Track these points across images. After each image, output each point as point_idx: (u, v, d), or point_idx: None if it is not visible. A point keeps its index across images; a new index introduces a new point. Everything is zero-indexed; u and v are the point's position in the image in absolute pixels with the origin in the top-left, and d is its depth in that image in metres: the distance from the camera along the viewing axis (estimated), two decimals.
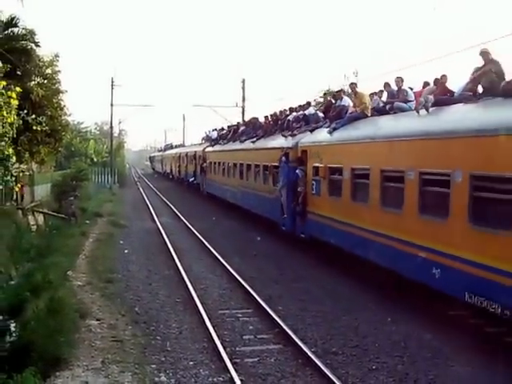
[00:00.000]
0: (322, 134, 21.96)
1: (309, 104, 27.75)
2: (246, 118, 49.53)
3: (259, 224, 29.26)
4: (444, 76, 16.62)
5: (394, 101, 18.77)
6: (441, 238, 13.49)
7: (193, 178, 54.95)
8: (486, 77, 14.06)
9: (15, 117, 17.67)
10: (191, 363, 11.98)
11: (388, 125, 18.05)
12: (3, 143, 16.48)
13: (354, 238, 18.24)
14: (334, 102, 23.83)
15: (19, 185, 29.21)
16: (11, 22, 27.04)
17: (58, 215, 34.27)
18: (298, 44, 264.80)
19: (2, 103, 16.49)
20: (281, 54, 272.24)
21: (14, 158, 19.71)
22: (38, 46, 28.35)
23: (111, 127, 73.30)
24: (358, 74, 46.54)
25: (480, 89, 14.46)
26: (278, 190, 24.79)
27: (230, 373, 11.20)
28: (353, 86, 21.71)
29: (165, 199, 50.23)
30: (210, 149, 46.95)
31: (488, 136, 12.17)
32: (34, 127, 21.28)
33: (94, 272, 20.02)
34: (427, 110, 15.35)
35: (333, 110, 22.83)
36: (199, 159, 51.17)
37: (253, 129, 34.76)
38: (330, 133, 21.10)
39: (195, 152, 54.80)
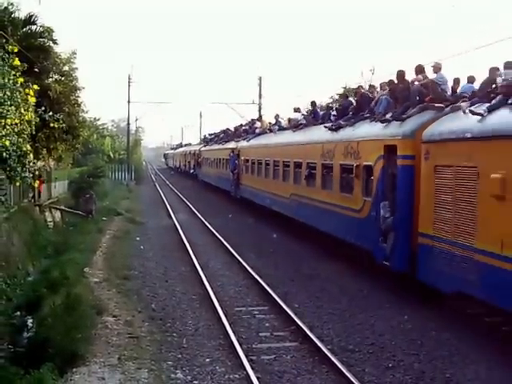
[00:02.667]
0: (245, 142, 39.08)
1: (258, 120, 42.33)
2: (263, 115, 51.39)
3: (217, 193, 48.41)
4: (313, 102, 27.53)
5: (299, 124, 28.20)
6: (292, 191, 26.21)
7: (193, 170, 70.09)
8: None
9: (33, 114, 17.73)
10: (207, 360, 11.99)
11: (272, 138, 32.72)
12: (21, 140, 16.53)
13: (259, 195, 33.07)
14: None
15: (37, 181, 29.39)
16: (29, 20, 27.16)
17: (75, 212, 34.46)
18: (316, 41, 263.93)
19: (20, 100, 16.55)
20: (298, 51, 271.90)
21: (32, 154, 19.80)
22: (55, 43, 28.46)
23: (128, 124, 73.41)
24: (375, 71, 46.18)
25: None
26: (230, 172, 40.47)
27: (246, 370, 11.18)
28: (259, 117, 39.35)
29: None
30: (203, 148, 63.06)
31: (305, 144, 25.27)
32: (52, 124, 21.33)
33: (111, 269, 20.09)
34: (274, 132, 33.21)
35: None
36: (197, 156, 65.95)
37: (226, 135, 51.27)
38: (248, 141, 38.28)
39: (194, 150, 70.49)
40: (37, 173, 22.14)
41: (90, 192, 34.91)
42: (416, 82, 17.52)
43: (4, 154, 15.63)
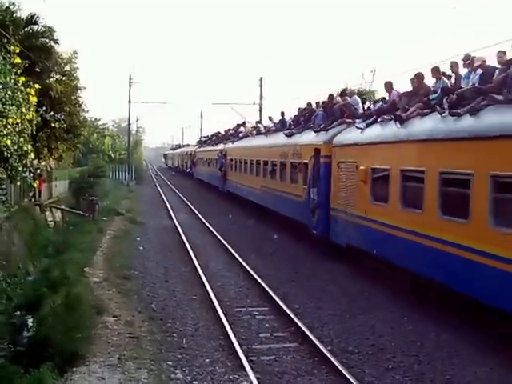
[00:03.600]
0: (231, 144, 45.55)
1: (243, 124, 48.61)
2: (263, 116, 52.47)
3: (212, 191, 52.39)
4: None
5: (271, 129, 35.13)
6: (261, 184, 32.13)
7: (189, 169, 76.13)
8: None
9: (34, 113, 17.75)
10: (207, 360, 12.00)
11: (251, 141, 38.62)
12: (22, 139, 16.56)
13: (242, 189, 38.38)
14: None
15: (37, 181, 29.40)
16: (31, 20, 27.20)
17: (75, 211, 34.47)
18: (317, 42, 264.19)
19: (21, 99, 16.57)
20: (299, 52, 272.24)
21: (33, 154, 19.83)
22: (56, 43, 28.53)
23: (129, 124, 73.49)
24: (376, 73, 46.18)
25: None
26: (218, 169, 46.75)
27: (246, 371, 11.19)
28: (243, 123, 47.17)
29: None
30: (197, 149, 69.79)
31: (270, 147, 30.92)
32: (53, 124, 21.39)
33: (111, 268, 20.08)
34: (253, 136, 39.02)
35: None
36: (192, 156, 72.44)
37: (217, 138, 58.48)
38: (233, 143, 44.79)
39: (190, 151, 76.50)
40: (38, 171, 22.20)
41: (94, 197, 34.77)
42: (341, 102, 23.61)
43: (5, 154, 15.66)
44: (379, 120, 18.86)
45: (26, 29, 27.15)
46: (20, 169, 17.04)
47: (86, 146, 54.79)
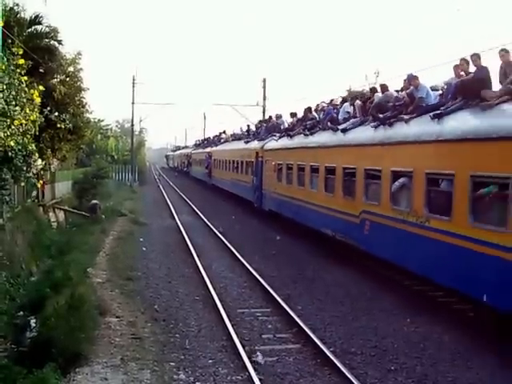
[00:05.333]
0: (215, 147, 57.40)
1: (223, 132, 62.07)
2: (267, 117, 52.33)
3: (199, 183, 66.96)
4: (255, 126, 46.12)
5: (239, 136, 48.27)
6: (231, 177, 44.91)
7: (186, 169, 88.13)
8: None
9: (38, 114, 17.78)
10: (210, 361, 12.02)
11: (227, 145, 51.27)
12: (26, 140, 16.58)
13: (221, 182, 49.88)
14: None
15: (41, 181, 29.40)
16: (35, 20, 27.19)
17: (78, 212, 34.46)
18: (321, 43, 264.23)
19: (25, 100, 16.60)
20: (303, 53, 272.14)
21: (37, 154, 19.85)
22: (60, 43, 28.51)
23: (132, 125, 73.46)
24: (380, 74, 46.17)
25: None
26: (205, 168, 59.78)
27: (248, 372, 11.21)
28: (223, 131, 61.58)
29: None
30: (193, 151, 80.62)
31: (237, 149, 43.51)
32: (58, 125, 21.40)
33: (114, 269, 20.12)
34: (230, 141, 52.70)
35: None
36: (189, 157, 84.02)
37: (208, 142, 70.33)
38: (216, 145, 57.32)
39: (187, 153, 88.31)
40: (42, 172, 22.20)
41: (95, 202, 34.72)
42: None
43: (9, 154, 15.68)
44: (284, 135, 30.62)
45: (30, 29, 27.13)
46: (24, 169, 17.07)
47: (89, 146, 54.76)
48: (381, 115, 18.69)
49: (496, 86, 14.16)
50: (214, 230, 29.45)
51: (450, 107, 15.03)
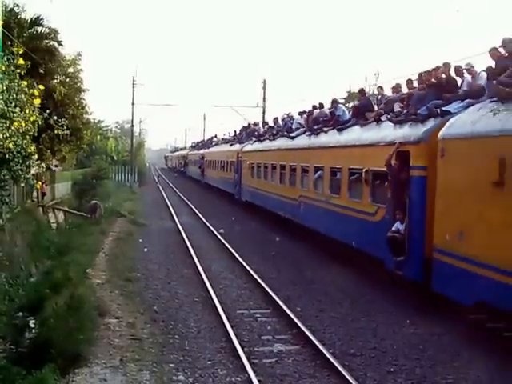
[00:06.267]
0: (207, 149, 64.94)
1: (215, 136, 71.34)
2: (267, 119, 52.95)
3: (194, 181, 73.21)
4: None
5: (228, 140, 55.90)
6: (220, 175, 52.25)
7: (182, 168, 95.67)
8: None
9: (37, 115, 17.75)
10: (209, 362, 12.01)
11: (215, 147, 60.70)
12: (25, 141, 16.56)
13: (213, 180, 56.61)
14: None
15: (40, 182, 29.39)
16: (35, 21, 27.19)
17: (78, 213, 34.46)
18: (321, 44, 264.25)
19: (25, 100, 16.58)
20: (303, 54, 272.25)
21: (36, 155, 19.83)
22: (61, 44, 28.51)
23: (132, 126, 73.40)
24: (379, 76, 46.27)
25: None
26: (197, 168, 68.06)
27: (247, 373, 11.21)
28: (215, 136, 71.63)
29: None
30: (189, 152, 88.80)
31: (223, 151, 51.54)
32: (56, 131, 21.33)
33: (114, 270, 20.11)
34: (219, 144, 60.49)
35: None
36: (185, 158, 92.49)
37: (203, 144, 76.55)
38: (208, 148, 65.18)
39: (184, 154, 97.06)
40: (41, 173, 22.17)
41: (96, 201, 34.71)
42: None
43: (7, 156, 15.66)
44: (257, 140, 38.19)
45: (30, 30, 27.13)
46: (23, 170, 17.05)
47: (89, 147, 54.78)
48: (315, 127, 25.17)
49: None
50: (214, 230, 29.49)
51: (347, 124, 21.79)
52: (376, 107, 20.68)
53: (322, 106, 26.29)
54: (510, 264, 11.29)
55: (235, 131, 52.68)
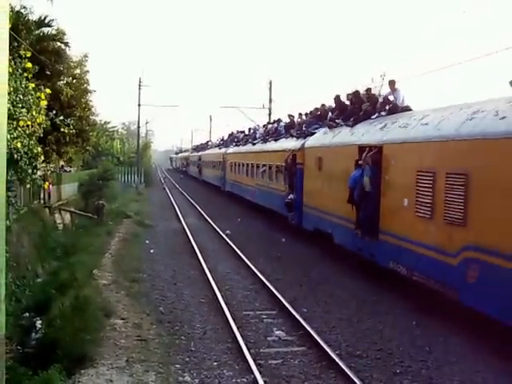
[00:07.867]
0: (204, 152, 78.30)
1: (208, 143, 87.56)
2: (273, 120, 53.10)
3: (194, 179, 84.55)
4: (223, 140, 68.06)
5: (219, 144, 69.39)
6: (211, 173, 66.33)
7: (185, 168, 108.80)
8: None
9: (44, 117, 17.82)
10: (215, 364, 12.00)
11: (209, 150, 74.42)
12: (32, 142, 16.63)
13: (208, 178, 67.65)
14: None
15: (47, 183, 29.49)
16: (42, 22, 27.24)
17: (84, 214, 34.54)
18: (327, 45, 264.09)
19: (32, 102, 16.65)
20: (309, 55, 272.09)
21: (42, 157, 19.90)
22: (67, 46, 28.58)
23: (138, 127, 73.52)
24: (386, 77, 46.16)
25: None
26: (196, 167, 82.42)
27: (253, 374, 11.19)
28: (209, 140, 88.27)
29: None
30: (190, 154, 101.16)
31: (213, 153, 66.82)
32: (62, 129, 21.44)
33: (120, 271, 20.12)
34: (212, 147, 74.98)
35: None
36: (187, 159, 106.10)
37: (201, 147, 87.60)
38: (204, 150, 78.82)
39: (186, 155, 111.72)
40: (49, 172, 22.23)
41: (100, 201, 34.77)
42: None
43: (15, 156, 15.72)
44: (236, 144, 49.83)
45: (37, 31, 27.18)
46: (30, 171, 17.11)
47: (95, 148, 54.91)
48: (267, 137, 37.26)
49: None
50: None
51: (279, 137, 33.41)
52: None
53: (279, 120, 37.73)
54: (320, 204, 23.41)
55: (223, 137, 68.45)
